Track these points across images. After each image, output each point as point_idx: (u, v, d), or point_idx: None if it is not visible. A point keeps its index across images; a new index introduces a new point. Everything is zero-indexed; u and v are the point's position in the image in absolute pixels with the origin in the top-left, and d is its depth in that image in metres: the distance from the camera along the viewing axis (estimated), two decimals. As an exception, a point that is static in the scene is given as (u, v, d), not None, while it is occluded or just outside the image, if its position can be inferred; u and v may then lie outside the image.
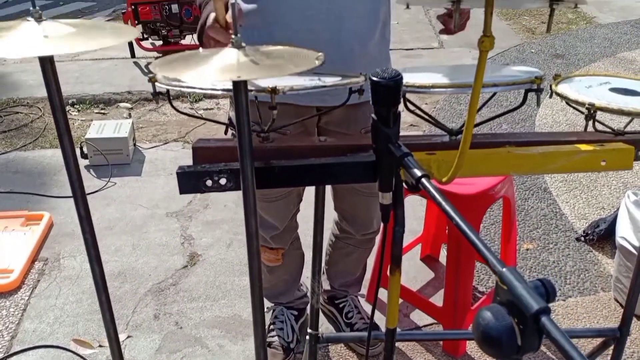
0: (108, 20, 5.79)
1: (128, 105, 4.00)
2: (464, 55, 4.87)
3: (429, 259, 2.52)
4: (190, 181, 1.11)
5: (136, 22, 4.42)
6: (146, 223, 2.75)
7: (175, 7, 4.31)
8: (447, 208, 0.89)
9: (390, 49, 1.71)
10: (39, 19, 0.96)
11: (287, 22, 1.43)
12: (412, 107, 1.21)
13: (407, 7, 0.97)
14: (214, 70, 0.81)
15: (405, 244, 2.46)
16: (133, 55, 4.56)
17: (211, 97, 4.15)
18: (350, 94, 1.18)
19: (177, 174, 1.11)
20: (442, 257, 2.50)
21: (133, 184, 3.06)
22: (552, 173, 2.72)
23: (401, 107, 1.03)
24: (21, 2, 7.11)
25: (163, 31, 4.50)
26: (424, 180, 0.94)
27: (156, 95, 1.17)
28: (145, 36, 4.57)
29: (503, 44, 5.08)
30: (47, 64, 0.90)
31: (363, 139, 1.30)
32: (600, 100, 1.14)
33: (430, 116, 1.25)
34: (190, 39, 4.59)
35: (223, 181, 1.12)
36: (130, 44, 4.51)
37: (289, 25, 1.43)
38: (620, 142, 1.18)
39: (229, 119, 1.64)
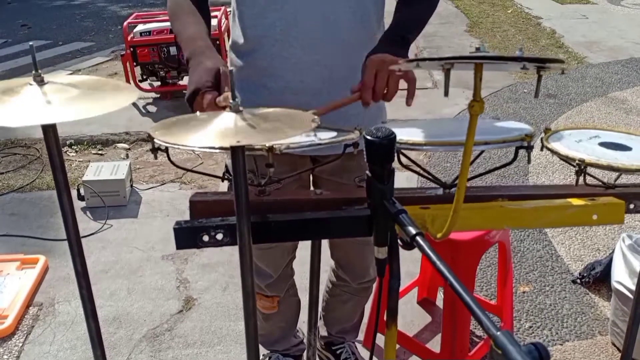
0: (107, 61, 5.88)
1: (125, 145, 4.02)
2: (457, 95, 4.93)
3: (426, 302, 2.52)
4: (187, 237, 1.12)
5: (135, 63, 4.48)
6: (142, 266, 2.74)
7: (173, 50, 4.38)
8: (442, 268, 0.90)
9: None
10: (41, 83, 0.98)
11: (279, 75, 1.45)
12: (405, 162, 1.23)
13: (418, 66, 1.00)
14: (212, 135, 0.83)
15: (402, 287, 2.46)
16: (131, 96, 4.60)
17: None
18: (345, 149, 1.20)
19: (174, 229, 1.12)
20: (439, 299, 2.49)
21: (129, 226, 3.06)
22: (544, 227, 2.74)
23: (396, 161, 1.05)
24: (22, 42, 7.21)
25: (161, 72, 4.57)
26: (418, 238, 0.95)
27: (155, 151, 1.19)
28: (143, 77, 4.63)
29: (496, 84, 5.16)
30: (50, 131, 0.91)
31: (357, 189, 1.33)
32: (590, 156, 1.16)
33: (424, 169, 1.27)
34: (187, 80, 4.65)
35: (220, 236, 1.13)
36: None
37: (281, 77, 1.46)
38: (611, 195, 1.21)
39: (226, 166, 1.65)
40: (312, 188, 1.72)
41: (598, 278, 2.59)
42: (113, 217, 3.12)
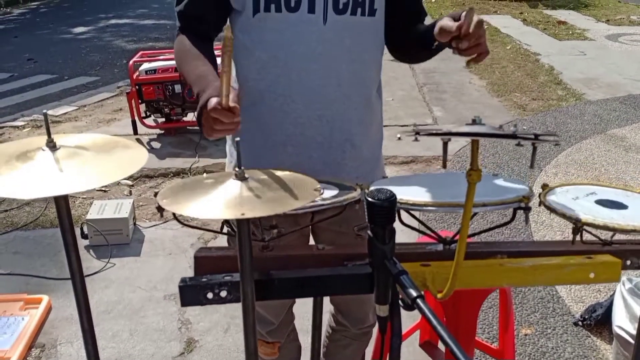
0: (113, 97, 5.95)
1: (129, 182, 4.06)
2: (458, 132, 4.98)
3: (428, 345, 2.51)
4: (192, 294, 1.14)
5: (140, 100, 4.55)
6: (144, 306, 2.75)
7: (178, 87, 4.45)
8: (442, 332, 0.92)
9: (385, 125, 1.77)
10: (53, 148, 1.01)
11: (281, 129, 1.49)
12: (407, 220, 1.25)
13: (416, 139, 1.03)
14: (218, 205, 0.86)
15: (404, 330, 2.46)
16: (136, 132, 4.67)
17: (211, 173, 4.23)
18: (345, 206, 1.23)
19: (180, 287, 1.14)
20: (442, 343, 2.49)
21: (132, 265, 3.08)
22: (542, 285, 2.75)
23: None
24: (28, 76, 7.31)
25: (166, 109, 4.63)
26: (419, 301, 0.98)
27: (161, 210, 1.22)
28: (148, 114, 4.70)
29: (495, 120, 5.21)
30: (61, 201, 0.94)
31: (357, 238, 1.35)
32: (587, 215, 1.19)
33: (424, 225, 1.29)
34: (192, 116, 4.71)
35: (224, 294, 1.15)
36: (134, 122, 4.62)
37: (282, 131, 1.49)
38: (607, 253, 1.23)
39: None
40: (311, 236, 1.74)
41: (599, 321, 2.60)
42: (116, 256, 3.14)
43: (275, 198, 0.89)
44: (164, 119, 4.73)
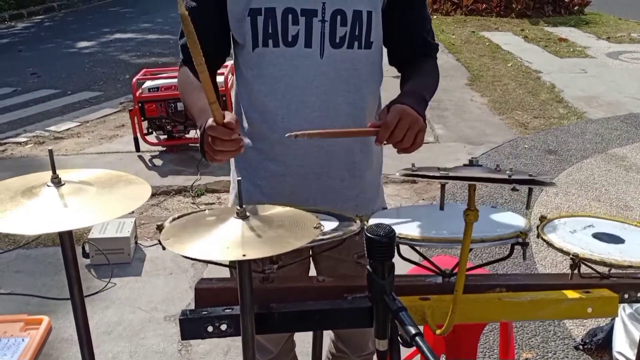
0: (115, 112, 5.98)
1: (131, 200, 4.07)
2: (458, 150, 5.01)
3: (427, 369, 2.51)
4: (192, 328, 1.15)
5: (142, 118, 4.58)
6: (144, 327, 2.76)
7: (180, 105, 4.47)
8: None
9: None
10: (58, 185, 1.03)
11: (280, 159, 1.51)
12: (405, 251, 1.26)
13: (414, 182, 1.05)
14: (220, 247, 0.88)
15: (403, 355, 2.46)
16: (138, 149, 4.69)
17: (213, 191, 4.25)
18: (345, 239, 1.24)
19: (180, 320, 1.15)
20: (441, 367, 2.49)
21: (133, 285, 3.09)
22: (540, 319, 2.75)
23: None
24: (31, 91, 7.35)
25: (168, 127, 4.66)
26: (417, 338, 0.99)
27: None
28: (150, 131, 4.72)
29: (497, 139, 5.24)
30: (65, 236, 0.96)
31: (357, 266, 1.36)
32: (584, 250, 1.20)
33: (424, 257, 1.30)
34: (194, 134, 4.74)
35: (224, 327, 1.16)
36: (136, 139, 4.65)
37: (281, 162, 1.51)
38: (605, 287, 1.24)
39: None
40: (312, 263, 1.75)
41: (600, 345, 2.59)
42: (117, 275, 3.15)
43: (276, 237, 0.90)
44: (166, 136, 4.76)
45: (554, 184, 0.94)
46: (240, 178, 0.95)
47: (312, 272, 1.71)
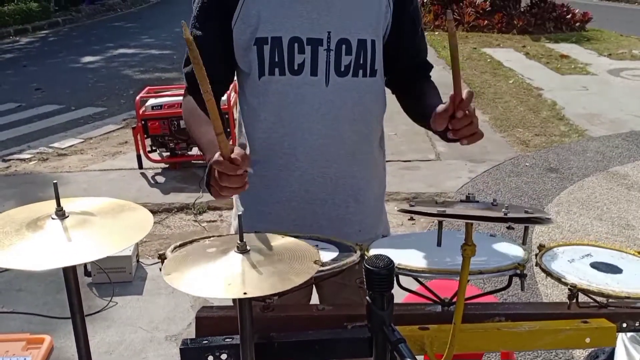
0: (118, 129, 6.01)
1: (133, 217, 4.09)
2: (460, 168, 5.02)
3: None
4: (193, 356, 1.16)
5: (145, 135, 4.61)
6: (145, 348, 2.76)
7: (182, 123, 4.50)
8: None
9: (388, 161, 1.80)
10: (62, 217, 1.05)
11: (285, 185, 1.52)
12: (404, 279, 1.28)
13: (411, 218, 1.06)
14: (221, 284, 0.89)
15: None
16: (141, 166, 4.72)
17: (215, 209, 4.27)
18: (345, 269, 1.25)
19: (181, 349, 1.16)
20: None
21: (134, 304, 3.09)
22: (539, 349, 2.75)
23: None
24: (35, 107, 7.41)
25: (171, 144, 4.69)
26: (415, 371, 1.00)
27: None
28: (153, 148, 4.75)
29: (499, 156, 5.25)
30: (70, 271, 0.97)
31: (359, 290, 1.37)
32: (582, 280, 1.21)
33: (424, 286, 1.31)
34: (196, 151, 4.76)
35: (224, 357, 1.17)
36: (139, 156, 4.68)
37: (287, 188, 1.53)
38: (603, 316, 1.25)
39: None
40: (314, 288, 1.76)
41: (601, 367, 2.59)
42: (118, 294, 3.16)
43: (276, 273, 0.91)
44: (169, 153, 4.78)
45: (551, 221, 0.96)
46: (240, 212, 0.96)
47: (314, 295, 1.72)
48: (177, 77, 8.83)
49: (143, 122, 4.55)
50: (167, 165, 4.85)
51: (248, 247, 0.97)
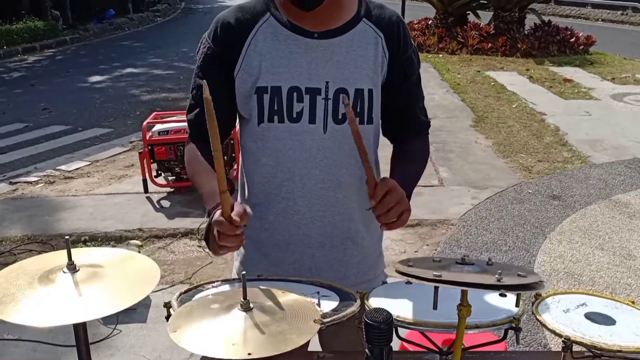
0: (125, 152, 6.07)
1: (138, 242, 4.14)
2: (463, 194, 5.05)
3: None
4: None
5: (152, 160, 4.67)
6: (148, 377, 2.79)
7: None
8: None
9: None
10: (73, 271, 1.09)
11: (284, 229, 1.56)
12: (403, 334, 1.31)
13: (408, 282, 1.10)
14: (225, 342, 0.92)
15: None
16: (146, 190, 4.77)
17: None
18: (346, 317, 1.28)
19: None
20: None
21: (138, 332, 3.12)
22: None
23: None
24: (42, 127, 7.49)
25: (176, 169, 4.74)
26: None
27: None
28: (159, 172, 4.81)
29: (501, 183, 5.29)
30: (80, 327, 1.01)
31: (359, 331, 1.40)
32: (576, 332, 1.24)
33: (425, 336, 1.35)
34: (201, 176, 4.81)
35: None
36: (144, 180, 4.73)
37: (286, 231, 1.56)
38: (598, 367, 1.27)
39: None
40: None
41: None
42: (122, 322, 3.18)
43: (279, 333, 0.95)
44: (174, 178, 4.84)
45: (543, 285, 0.99)
46: (245, 272, 1.01)
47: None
48: (183, 97, 8.93)
49: (149, 147, 4.61)
50: (172, 190, 4.90)
51: (251, 305, 1.01)
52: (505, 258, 3.96)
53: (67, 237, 1.11)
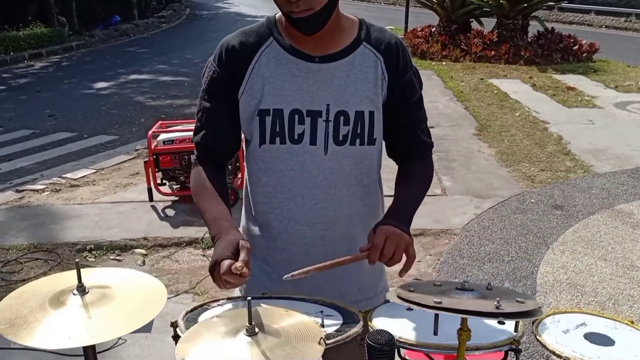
0: (130, 159, 6.11)
1: (143, 251, 4.17)
2: (465, 204, 5.07)
3: None
4: None
5: (157, 169, 4.71)
6: (153, 387, 2.81)
7: (193, 157, 4.59)
8: None
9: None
10: (83, 293, 1.12)
11: (286, 248, 1.60)
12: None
13: (410, 309, 1.13)
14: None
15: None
16: (151, 199, 4.81)
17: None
18: (349, 338, 1.31)
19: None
20: None
21: (142, 342, 3.15)
22: None
23: None
24: (48, 134, 7.53)
25: (181, 177, 4.78)
26: None
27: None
28: (163, 181, 4.85)
29: (504, 192, 5.31)
30: (89, 350, 1.04)
31: (360, 348, 1.42)
32: (575, 354, 1.26)
33: (429, 357, 1.37)
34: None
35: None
36: (149, 189, 4.77)
37: (287, 250, 1.60)
38: (597, 387, 1.29)
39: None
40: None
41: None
42: (128, 332, 3.21)
43: (284, 357, 0.98)
44: (179, 186, 4.87)
45: (542, 312, 1.01)
46: (250, 298, 1.03)
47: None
48: (188, 104, 8.99)
49: (155, 156, 4.65)
50: (177, 198, 4.93)
51: (256, 330, 1.03)
52: (507, 269, 3.98)
53: (77, 260, 1.14)
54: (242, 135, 1.64)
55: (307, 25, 1.42)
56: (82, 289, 1.12)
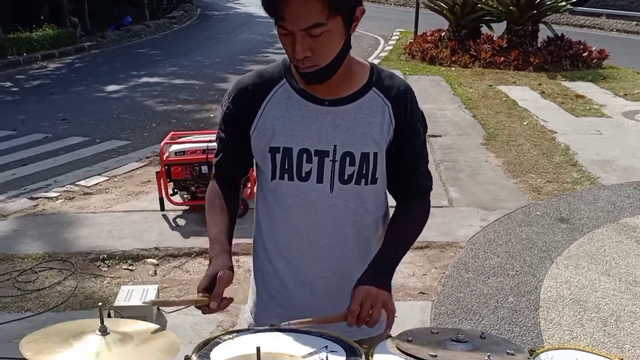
0: (142, 167, 6.21)
1: (154, 261, 4.27)
2: (472, 216, 5.13)
3: None
4: None
5: (168, 180, 4.80)
6: (164, 399, 2.90)
7: (204, 168, 4.69)
8: None
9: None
10: (104, 334, 1.21)
11: (292, 278, 1.70)
12: None
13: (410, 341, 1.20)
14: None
15: None
16: (163, 208, 4.90)
17: (232, 254, 4.41)
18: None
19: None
20: None
21: None
22: None
23: None
24: (61, 138, 7.66)
25: (192, 188, 4.88)
26: None
27: None
28: (175, 191, 4.94)
29: (510, 204, 5.36)
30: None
31: None
32: (567, 392, 1.34)
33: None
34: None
35: None
36: (161, 199, 4.86)
37: (293, 280, 1.70)
38: None
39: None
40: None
41: None
42: (139, 343, 3.30)
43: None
44: (189, 196, 4.97)
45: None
46: (259, 346, 1.11)
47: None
48: (198, 109, 9.09)
49: (167, 166, 4.74)
50: (187, 208, 5.03)
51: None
52: (512, 283, 4.04)
53: (100, 304, 1.23)
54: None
55: (312, 79, 1.52)
56: (103, 330, 1.20)
